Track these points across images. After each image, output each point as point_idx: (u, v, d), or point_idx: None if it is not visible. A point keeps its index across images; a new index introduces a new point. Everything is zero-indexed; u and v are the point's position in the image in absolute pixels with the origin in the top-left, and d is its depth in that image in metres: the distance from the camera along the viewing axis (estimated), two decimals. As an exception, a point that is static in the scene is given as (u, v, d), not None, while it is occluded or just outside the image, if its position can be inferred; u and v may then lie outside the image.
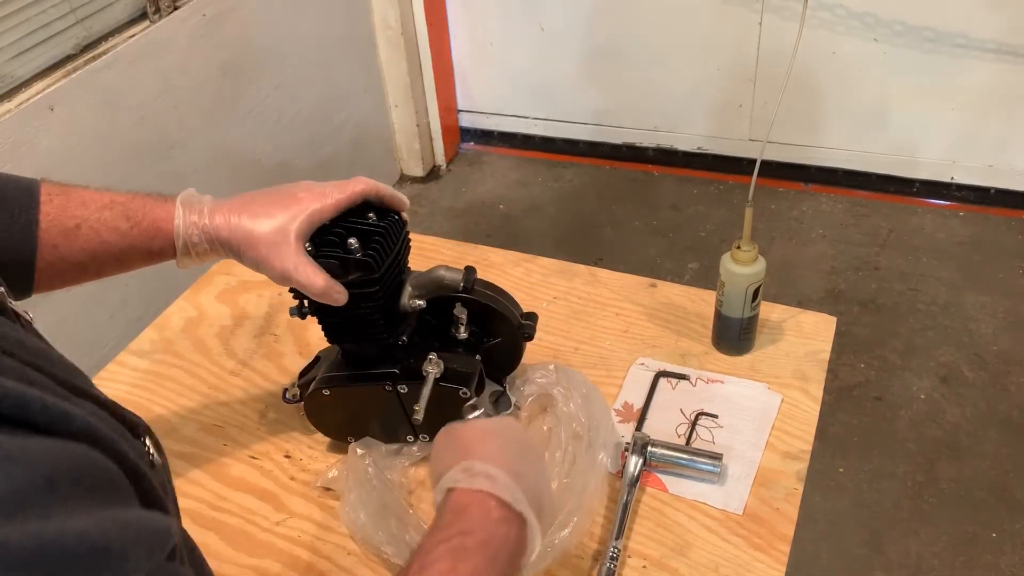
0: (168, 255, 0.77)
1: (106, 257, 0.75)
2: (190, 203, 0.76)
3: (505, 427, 0.70)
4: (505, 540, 0.59)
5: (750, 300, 0.99)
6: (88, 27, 1.75)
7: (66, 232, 0.72)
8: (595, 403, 0.93)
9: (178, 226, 0.75)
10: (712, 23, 2.52)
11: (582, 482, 0.84)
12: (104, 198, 0.74)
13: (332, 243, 0.78)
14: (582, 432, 0.89)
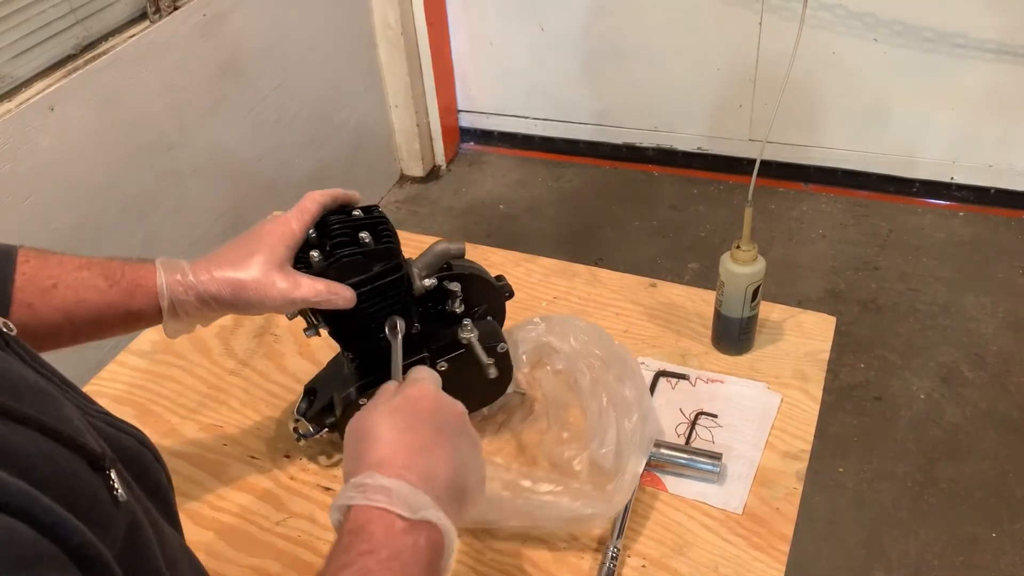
0: (148, 316, 0.76)
1: (83, 317, 0.73)
2: (169, 265, 0.76)
3: (412, 405, 0.63)
4: (414, 550, 0.54)
5: (750, 300, 0.99)
6: (88, 27, 1.75)
7: (42, 291, 0.71)
8: (602, 338, 0.94)
9: (161, 285, 0.74)
10: (712, 23, 2.52)
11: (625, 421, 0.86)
12: (81, 260, 0.74)
13: (344, 243, 0.78)
14: (599, 364, 0.91)
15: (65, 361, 0.61)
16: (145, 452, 0.57)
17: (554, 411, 0.94)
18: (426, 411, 0.62)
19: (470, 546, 0.85)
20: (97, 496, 0.44)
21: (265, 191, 2.24)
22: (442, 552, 0.56)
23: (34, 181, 1.60)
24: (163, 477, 0.59)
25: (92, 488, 0.44)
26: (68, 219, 1.68)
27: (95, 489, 0.45)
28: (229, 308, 0.77)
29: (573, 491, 0.82)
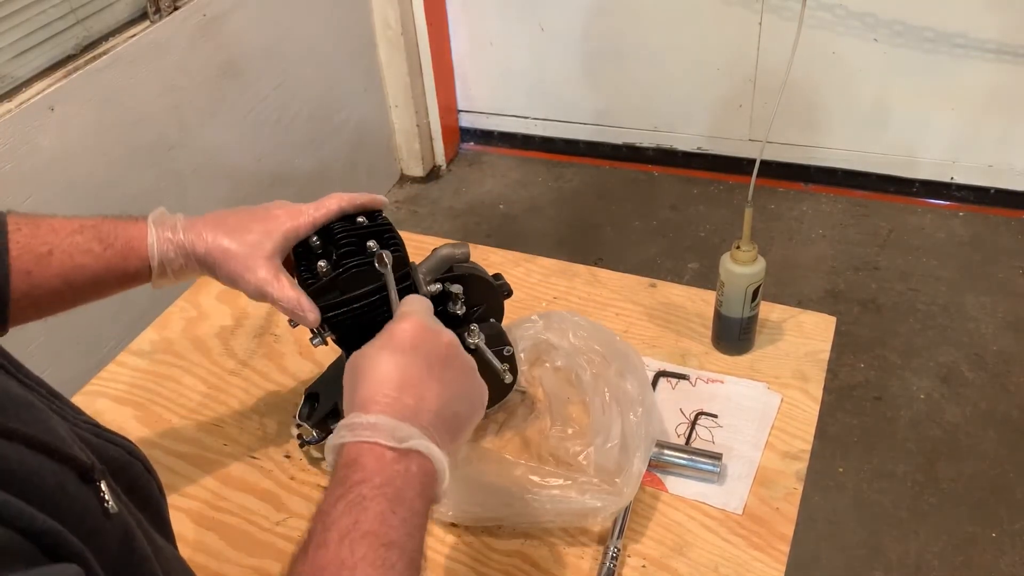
0: (143, 277, 0.76)
1: (81, 281, 0.73)
2: (162, 221, 0.75)
3: (398, 339, 0.63)
4: (406, 476, 0.55)
5: (750, 300, 0.99)
6: (88, 27, 1.75)
7: (38, 258, 0.71)
8: (601, 333, 0.94)
9: (151, 244, 0.74)
10: (712, 23, 2.52)
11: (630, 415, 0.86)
12: (74, 223, 0.73)
13: (352, 252, 0.78)
14: (599, 359, 0.91)
15: (65, 362, 0.61)
16: (135, 463, 0.57)
17: (556, 408, 0.94)
18: (412, 344, 0.62)
19: (470, 546, 0.85)
20: (87, 508, 0.44)
21: (265, 191, 2.24)
22: (435, 477, 0.57)
23: (34, 181, 1.60)
24: (155, 488, 0.59)
25: (81, 500, 0.44)
26: (68, 219, 1.68)
27: (85, 501, 0.44)
28: (209, 273, 0.77)
29: (581, 485, 0.83)
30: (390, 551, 0.50)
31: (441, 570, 0.83)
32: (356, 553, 0.49)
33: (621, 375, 0.92)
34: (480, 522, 0.85)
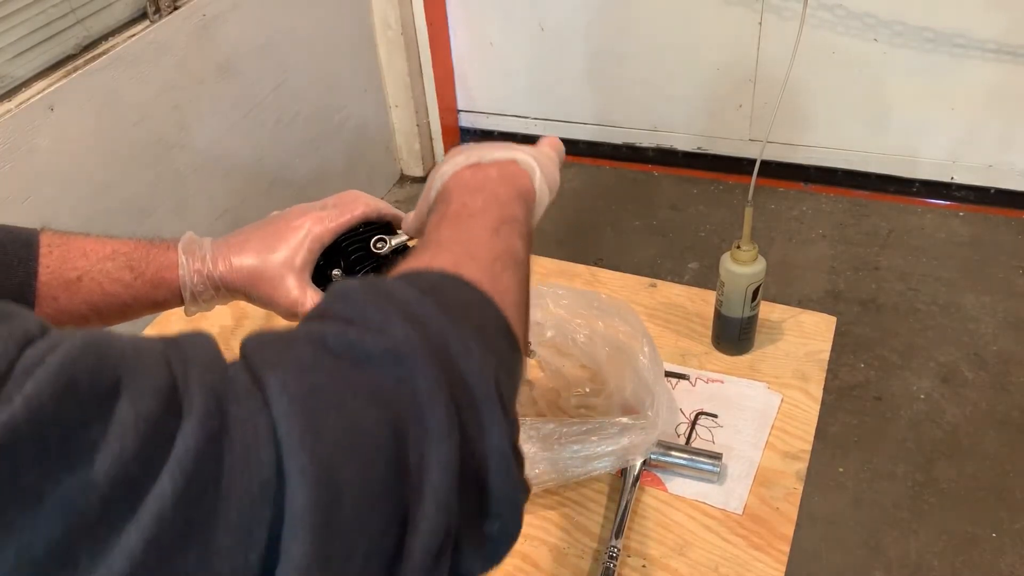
0: (173, 304, 0.76)
1: (109, 309, 0.72)
2: (192, 250, 0.75)
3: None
4: (501, 173, 0.61)
5: (750, 300, 0.99)
6: (88, 27, 1.75)
7: (67, 284, 0.70)
8: (581, 295, 0.95)
9: (183, 276, 0.74)
10: (712, 23, 2.52)
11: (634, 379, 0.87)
12: (106, 248, 0.72)
13: (363, 258, 0.77)
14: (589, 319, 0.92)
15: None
16: None
17: (563, 374, 0.95)
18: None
19: (470, 546, 0.85)
20: None
21: (265, 191, 2.24)
22: (522, 171, 0.63)
23: (34, 181, 1.60)
24: None
25: None
26: (68, 219, 1.68)
27: None
28: (243, 298, 0.77)
29: (615, 425, 0.84)
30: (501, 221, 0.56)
31: (441, 570, 0.83)
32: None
33: (615, 327, 0.92)
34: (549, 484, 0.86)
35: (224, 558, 0.30)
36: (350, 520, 0.33)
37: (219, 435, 0.32)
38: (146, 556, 0.28)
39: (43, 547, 0.26)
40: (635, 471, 0.88)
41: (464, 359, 0.42)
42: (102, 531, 0.27)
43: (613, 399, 0.89)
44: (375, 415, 0.36)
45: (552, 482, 0.86)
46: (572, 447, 0.85)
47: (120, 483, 0.28)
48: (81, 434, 0.28)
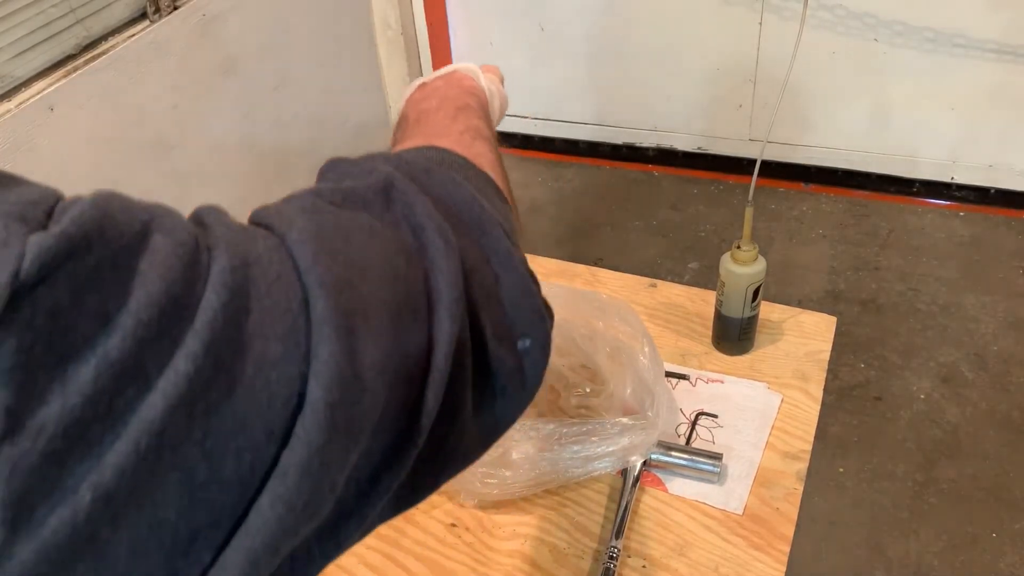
0: None
1: None
2: None
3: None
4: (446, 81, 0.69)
5: (750, 300, 0.99)
6: (88, 27, 1.75)
7: None
8: (581, 296, 0.95)
9: None
10: (712, 23, 2.52)
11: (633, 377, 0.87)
12: None
13: None
14: (589, 319, 0.92)
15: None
16: None
17: (563, 374, 0.95)
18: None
19: (470, 546, 0.85)
20: None
21: (265, 191, 2.24)
22: (464, 75, 0.69)
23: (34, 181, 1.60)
24: None
25: None
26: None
27: None
28: None
29: (615, 425, 0.84)
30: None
31: (441, 570, 0.83)
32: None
33: (615, 327, 0.92)
34: (528, 491, 0.86)
35: (275, 368, 0.33)
36: (370, 326, 0.36)
37: (247, 261, 0.35)
38: (205, 361, 0.30)
39: (118, 357, 0.28)
40: (635, 471, 0.88)
41: (453, 188, 0.47)
42: (165, 343, 0.30)
43: (613, 399, 0.89)
44: (379, 243, 0.40)
45: (552, 482, 0.86)
46: (572, 447, 0.85)
47: (173, 300, 0.31)
48: (127, 260, 0.31)
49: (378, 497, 0.38)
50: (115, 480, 0.28)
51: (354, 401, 0.34)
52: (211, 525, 0.31)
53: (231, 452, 0.31)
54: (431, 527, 0.87)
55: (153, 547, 0.29)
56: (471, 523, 0.87)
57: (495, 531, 0.86)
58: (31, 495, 0.27)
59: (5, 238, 0.28)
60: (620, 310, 0.94)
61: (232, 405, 0.31)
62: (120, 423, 0.28)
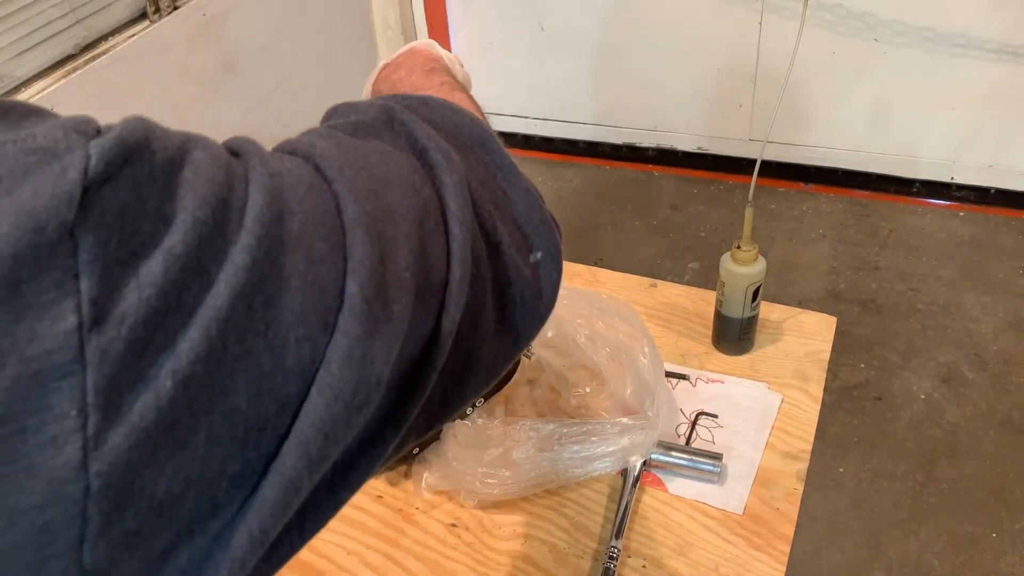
0: None
1: None
2: None
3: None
4: (408, 56, 0.72)
5: (750, 300, 0.99)
6: (88, 27, 1.75)
7: None
8: (581, 296, 0.95)
9: None
10: (712, 23, 2.52)
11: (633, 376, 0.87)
12: None
13: None
14: (590, 319, 0.92)
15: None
16: None
17: (561, 376, 0.95)
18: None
19: (470, 546, 0.85)
20: None
21: (265, 191, 2.24)
22: (421, 48, 0.72)
23: (34, 181, 1.60)
24: None
25: None
26: (68, 219, 1.68)
27: None
28: None
29: (615, 425, 0.84)
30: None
31: (441, 570, 0.83)
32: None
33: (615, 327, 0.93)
34: (528, 491, 0.86)
35: (323, 264, 0.35)
36: (397, 231, 0.38)
37: (280, 172, 0.37)
38: (259, 254, 0.33)
39: (182, 251, 0.31)
40: (635, 471, 0.88)
41: (451, 113, 0.50)
42: (220, 241, 0.32)
43: (613, 399, 0.89)
44: (394, 162, 0.42)
45: (552, 482, 0.86)
46: (572, 447, 0.85)
47: (222, 201, 0.33)
48: (173, 169, 0.33)
49: (413, 404, 0.41)
50: (191, 366, 0.30)
51: (388, 298, 0.36)
52: (277, 414, 0.33)
53: (292, 343, 0.33)
54: (431, 527, 0.87)
55: (227, 436, 0.31)
56: (471, 523, 0.87)
57: (495, 531, 0.86)
58: (119, 382, 0.28)
59: (69, 144, 0.30)
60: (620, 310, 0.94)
61: (289, 298, 0.33)
62: (189, 314, 0.30)
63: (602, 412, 0.90)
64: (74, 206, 0.28)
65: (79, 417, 0.28)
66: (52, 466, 0.27)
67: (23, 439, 0.27)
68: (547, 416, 0.93)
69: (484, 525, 0.87)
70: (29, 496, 0.27)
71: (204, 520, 0.32)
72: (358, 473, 0.38)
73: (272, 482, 0.33)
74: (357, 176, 0.39)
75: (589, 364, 0.94)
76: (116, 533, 0.29)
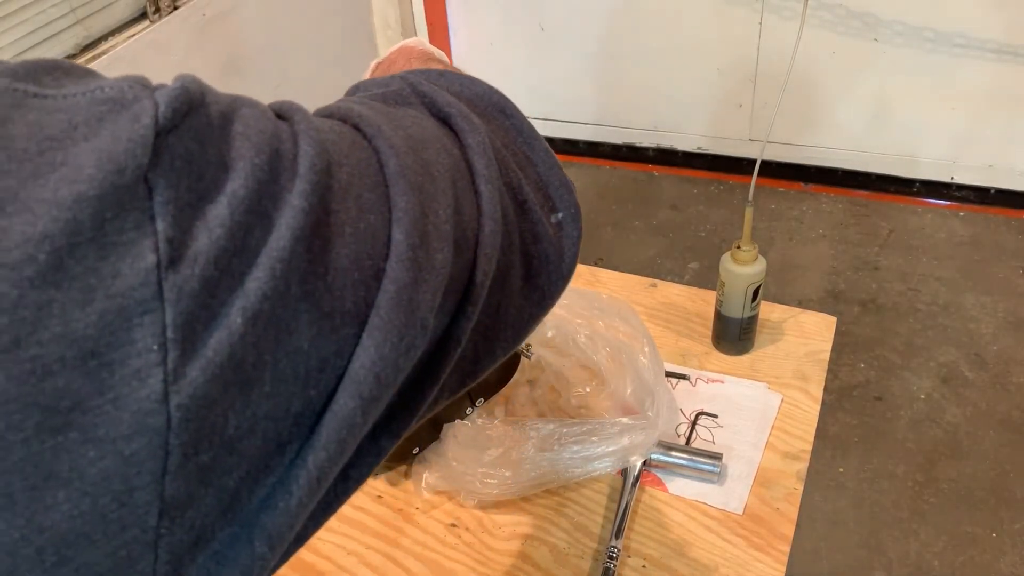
0: None
1: None
2: None
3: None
4: (399, 51, 0.72)
5: (750, 300, 0.99)
6: (88, 27, 1.75)
7: None
8: (581, 296, 0.95)
9: None
10: (712, 23, 2.52)
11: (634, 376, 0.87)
12: None
13: None
14: (590, 319, 0.92)
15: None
16: None
17: (561, 376, 0.95)
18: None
19: (470, 546, 0.85)
20: None
21: (265, 191, 2.24)
22: (408, 46, 0.72)
23: (34, 181, 1.60)
24: None
25: None
26: (68, 219, 1.68)
27: None
28: None
29: (615, 425, 0.84)
30: None
31: (441, 570, 0.83)
32: None
33: (615, 327, 0.93)
34: (527, 491, 0.86)
35: (372, 212, 0.37)
36: (435, 186, 0.40)
37: (322, 129, 0.38)
38: (314, 199, 0.34)
39: (243, 195, 0.32)
40: (635, 471, 0.88)
41: (469, 82, 0.51)
42: (276, 187, 0.34)
43: (613, 399, 0.89)
44: (426, 125, 0.44)
45: (552, 483, 0.86)
46: (572, 447, 0.85)
47: (274, 150, 0.35)
48: (226, 123, 0.35)
49: (449, 358, 0.43)
50: (258, 304, 0.31)
51: (431, 247, 0.38)
52: (336, 354, 0.35)
53: (349, 286, 0.35)
54: (431, 527, 0.87)
55: (291, 375, 0.33)
56: (471, 523, 0.87)
57: (495, 531, 0.86)
58: (195, 319, 0.30)
59: (136, 94, 0.33)
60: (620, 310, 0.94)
61: (344, 243, 0.35)
62: (254, 255, 0.32)
63: (602, 412, 0.90)
64: (148, 150, 0.30)
65: (160, 352, 0.29)
66: (137, 398, 0.29)
67: (111, 372, 0.28)
68: (547, 416, 0.93)
69: (484, 525, 0.87)
70: (117, 426, 0.28)
71: (270, 458, 0.33)
72: (398, 423, 0.40)
73: (328, 422, 0.34)
74: (395, 134, 0.41)
75: (589, 364, 0.94)
76: (193, 467, 0.30)
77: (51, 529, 0.28)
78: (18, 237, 0.27)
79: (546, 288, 0.49)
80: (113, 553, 0.29)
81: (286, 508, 0.34)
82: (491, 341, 0.46)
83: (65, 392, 0.28)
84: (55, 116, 0.31)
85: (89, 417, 0.28)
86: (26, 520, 0.28)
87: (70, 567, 0.29)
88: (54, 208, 0.28)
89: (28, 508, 0.28)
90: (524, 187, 0.48)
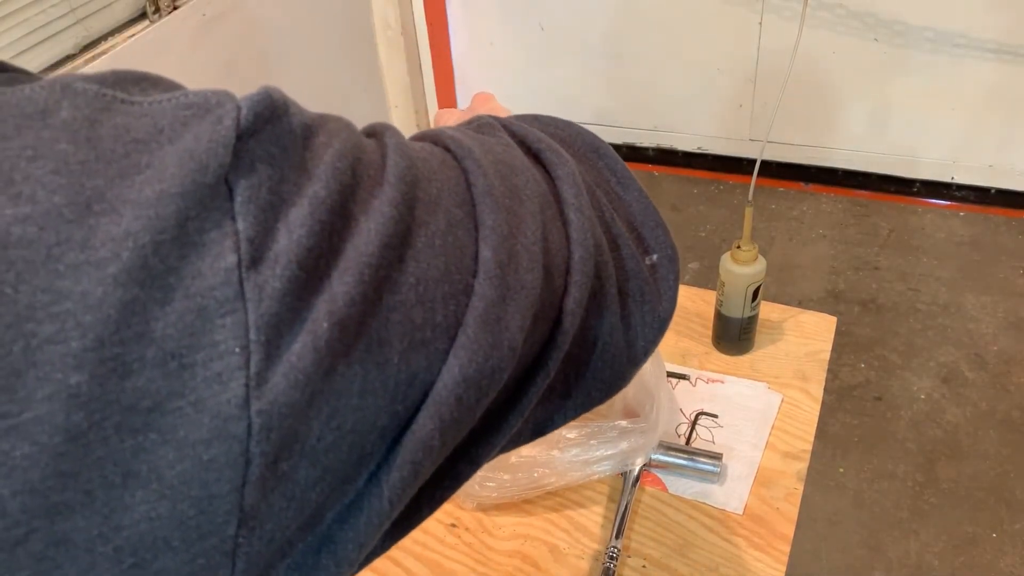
0: None
1: None
2: None
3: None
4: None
5: (750, 300, 0.99)
6: (88, 27, 1.75)
7: None
8: None
9: None
10: (712, 23, 2.52)
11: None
12: None
13: None
14: None
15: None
16: None
17: None
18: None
19: (470, 546, 0.85)
20: None
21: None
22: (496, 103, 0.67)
23: (34, 181, 1.60)
24: None
25: None
26: (68, 219, 1.68)
27: None
28: None
29: (614, 428, 0.84)
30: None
31: (441, 570, 0.83)
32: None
33: None
34: (526, 494, 0.86)
35: (461, 227, 0.36)
36: (524, 208, 0.39)
37: (412, 146, 0.39)
38: (404, 207, 0.34)
39: (325, 196, 0.32)
40: (635, 472, 0.88)
41: (562, 124, 0.51)
42: (362, 192, 0.34)
43: (614, 402, 0.89)
44: (514, 153, 0.44)
45: (551, 486, 0.86)
46: (572, 451, 0.85)
47: (358, 159, 0.35)
48: (310, 132, 0.34)
49: (537, 386, 0.41)
50: (346, 308, 0.31)
51: (520, 266, 0.37)
52: (426, 369, 0.34)
53: (440, 299, 0.34)
54: (431, 527, 0.87)
55: (379, 387, 0.32)
56: (471, 523, 0.87)
57: (495, 531, 0.86)
58: (278, 321, 0.29)
59: (219, 99, 0.33)
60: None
61: (434, 255, 0.35)
62: (341, 257, 0.31)
63: (602, 415, 0.90)
64: (229, 150, 0.30)
65: (242, 354, 0.29)
66: (218, 401, 0.28)
67: (192, 374, 0.28)
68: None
69: (484, 525, 0.87)
70: (198, 430, 0.28)
71: (353, 474, 0.33)
72: (479, 450, 0.39)
73: (407, 443, 0.33)
74: (485, 157, 0.40)
75: None
76: (274, 477, 0.30)
77: (129, 528, 0.28)
78: (103, 235, 0.27)
79: (639, 329, 0.47)
80: (191, 560, 0.29)
81: (356, 527, 0.33)
82: (583, 377, 0.45)
83: (145, 392, 0.27)
84: (141, 120, 0.31)
85: (169, 419, 0.28)
86: (104, 517, 0.27)
87: (147, 571, 0.28)
88: (138, 207, 0.28)
89: (107, 505, 0.27)
90: (617, 224, 0.46)
